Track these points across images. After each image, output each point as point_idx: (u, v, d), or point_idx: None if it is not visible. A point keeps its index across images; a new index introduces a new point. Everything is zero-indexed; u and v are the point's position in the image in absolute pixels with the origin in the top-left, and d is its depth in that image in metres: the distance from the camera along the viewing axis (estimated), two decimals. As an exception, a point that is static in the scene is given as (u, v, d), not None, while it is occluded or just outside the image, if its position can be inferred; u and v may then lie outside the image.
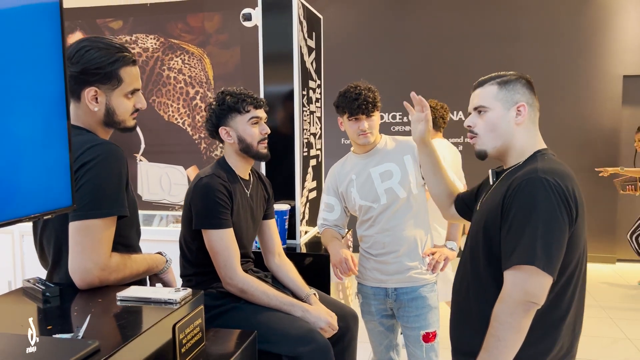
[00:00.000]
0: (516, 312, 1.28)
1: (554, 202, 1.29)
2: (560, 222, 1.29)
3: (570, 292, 1.38)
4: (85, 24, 7.06)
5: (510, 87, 1.46)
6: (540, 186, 1.30)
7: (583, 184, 1.51)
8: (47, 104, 1.20)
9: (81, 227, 1.34)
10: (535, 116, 1.47)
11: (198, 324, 1.35)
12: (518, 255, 1.29)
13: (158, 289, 1.37)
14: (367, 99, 2.14)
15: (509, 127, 1.45)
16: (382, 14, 6.31)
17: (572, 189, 1.33)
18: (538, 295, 1.28)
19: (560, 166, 1.39)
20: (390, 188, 2.23)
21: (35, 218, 1.19)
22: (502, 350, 1.29)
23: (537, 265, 1.26)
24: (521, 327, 1.29)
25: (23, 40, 1.12)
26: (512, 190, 1.34)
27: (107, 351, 1.00)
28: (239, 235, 1.92)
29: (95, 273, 1.35)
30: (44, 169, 1.20)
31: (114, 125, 1.49)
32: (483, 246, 1.42)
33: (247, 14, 2.57)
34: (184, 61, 6.91)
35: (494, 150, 1.48)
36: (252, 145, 1.95)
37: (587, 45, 5.83)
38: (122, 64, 1.43)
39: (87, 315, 1.12)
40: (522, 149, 1.45)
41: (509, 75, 1.49)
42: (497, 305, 1.32)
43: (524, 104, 1.44)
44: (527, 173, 1.35)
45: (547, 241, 1.27)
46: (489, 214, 1.42)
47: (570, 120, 5.89)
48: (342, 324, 2.00)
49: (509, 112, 1.44)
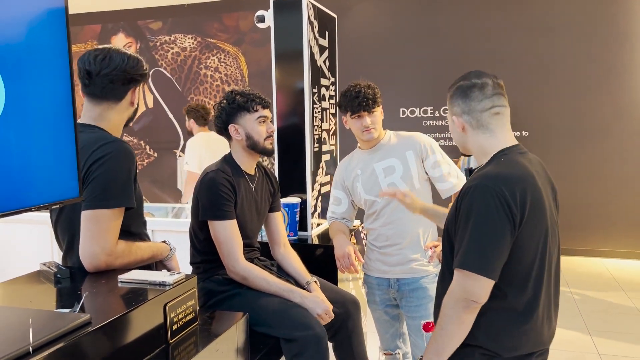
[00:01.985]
0: (456, 307, 1.39)
1: (491, 206, 1.35)
2: (496, 226, 1.35)
3: (533, 288, 1.43)
4: (127, 26, 7.41)
5: (452, 101, 1.55)
6: (479, 193, 1.38)
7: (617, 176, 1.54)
8: (55, 103, 1.35)
9: (92, 216, 1.50)
10: (479, 122, 1.49)
11: (191, 305, 1.48)
12: (458, 259, 1.39)
13: (156, 272, 1.52)
14: (367, 96, 2.22)
15: (459, 136, 1.56)
16: (411, 8, 6.32)
17: (519, 191, 1.37)
18: (477, 294, 1.37)
19: (514, 168, 1.43)
20: (392, 183, 2.31)
21: (44, 208, 1.36)
22: (444, 339, 1.42)
23: (471, 269, 1.36)
24: (462, 320, 1.40)
25: (34, 45, 1.27)
26: (462, 195, 1.44)
27: (97, 323, 1.15)
28: (243, 226, 2.05)
29: (102, 258, 1.51)
30: (53, 162, 1.36)
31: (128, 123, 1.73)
32: (447, 243, 1.51)
33: (260, 16, 2.69)
34: (220, 60, 7.15)
35: (464, 150, 1.61)
36: (259, 142, 2.08)
37: (619, 36, 5.66)
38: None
39: (85, 293, 1.27)
40: (481, 151, 1.52)
41: (454, 84, 1.55)
42: (444, 299, 1.43)
43: (455, 118, 1.53)
44: (475, 179, 1.42)
45: (481, 246, 1.36)
46: (450, 214, 1.52)
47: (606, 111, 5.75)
48: (341, 310, 2.11)
49: (454, 124, 1.56)
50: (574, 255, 5.75)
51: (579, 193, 5.72)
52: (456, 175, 2.36)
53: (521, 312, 1.43)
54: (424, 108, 6.32)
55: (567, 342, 3.57)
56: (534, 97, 5.90)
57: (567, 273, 5.22)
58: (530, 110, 5.87)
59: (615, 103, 5.71)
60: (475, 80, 1.50)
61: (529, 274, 1.42)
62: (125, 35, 7.42)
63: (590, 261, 5.63)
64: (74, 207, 1.56)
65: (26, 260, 2.12)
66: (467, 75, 1.53)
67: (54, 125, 1.36)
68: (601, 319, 4.03)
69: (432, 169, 2.34)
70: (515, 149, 1.50)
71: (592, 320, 3.99)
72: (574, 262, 5.59)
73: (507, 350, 1.44)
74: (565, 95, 5.83)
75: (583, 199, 5.75)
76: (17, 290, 1.43)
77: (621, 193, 5.73)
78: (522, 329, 1.43)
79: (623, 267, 5.41)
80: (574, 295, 4.57)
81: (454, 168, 2.38)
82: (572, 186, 5.65)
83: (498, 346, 1.43)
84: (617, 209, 5.74)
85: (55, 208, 1.63)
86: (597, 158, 5.79)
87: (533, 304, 1.43)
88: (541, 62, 5.87)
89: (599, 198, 5.77)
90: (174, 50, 7.24)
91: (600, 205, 5.79)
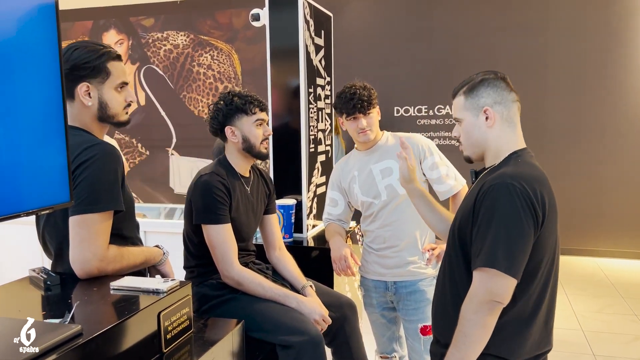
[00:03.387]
0: (480, 310, 1.34)
1: (518, 206, 1.33)
2: (524, 226, 1.33)
3: (540, 290, 1.42)
4: (119, 22, 7.32)
5: (474, 94, 1.50)
6: (505, 191, 1.34)
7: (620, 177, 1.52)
8: (45, 104, 1.31)
9: (80, 221, 1.46)
10: (509, 112, 1.49)
11: (185, 312, 1.45)
12: (482, 258, 1.34)
13: (149, 279, 1.47)
14: (362, 98, 2.19)
15: (482, 133, 1.49)
16: (406, 7, 6.28)
17: (540, 192, 1.36)
18: (501, 295, 1.33)
19: (532, 169, 1.42)
20: (390, 184, 2.28)
21: (34, 213, 1.31)
22: (469, 346, 1.35)
23: (499, 268, 1.32)
24: (486, 324, 1.34)
25: (21, 43, 1.22)
26: (482, 193, 1.39)
27: (89, 334, 1.11)
28: (238, 230, 2.01)
29: (93, 263, 1.46)
30: (43, 166, 1.31)
31: (108, 120, 1.59)
32: (458, 245, 1.47)
33: (255, 14, 2.65)
34: (213, 57, 7.09)
35: (475, 155, 1.55)
36: (255, 145, 2.04)
37: (616, 36, 5.66)
38: (108, 57, 1.54)
39: (76, 302, 1.23)
40: (498, 150, 1.49)
41: (474, 79, 1.51)
42: (465, 303, 1.38)
43: (487, 108, 1.47)
44: (496, 178, 1.39)
45: (509, 245, 1.32)
46: (462, 214, 1.47)
47: (606, 112, 5.76)
48: (338, 314, 2.08)
49: (477, 118, 1.49)
50: (567, 254, 5.75)
51: (572, 192, 5.72)
52: (454, 177, 2.34)
53: (529, 315, 1.40)
54: (418, 107, 6.29)
55: (561, 342, 3.56)
56: (528, 96, 5.88)
57: (560, 273, 5.21)
58: (524, 110, 5.83)
59: (609, 103, 5.72)
60: (498, 75, 1.49)
61: (540, 276, 1.40)
62: (117, 31, 7.33)
63: (583, 260, 5.64)
64: (62, 213, 1.52)
65: (14, 265, 2.06)
66: (485, 72, 1.51)
67: (44, 127, 1.31)
68: (595, 319, 4.03)
69: (430, 170, 2.31)
70: (526, 152, 1.49)
71: (586, 320, 3.98)
72: (567, 262, 5.59)
73: (517, 355, 1.41)
74: (559, 96, 5.83)
75: (577, 198, 5.75)
76: (5, 299, 1.38)
77: (615, 192, 5.74)
78: (530, 331, 1.40)
79: (616, 267, 5.42)
80: (568, 295, 4.57)
81: (452, 170, 2.36)
82: (565, 185, 5.65)
83: (508, 351, 1.40)
84: (610, 209, 5.75)
85: (42, 215, 1.58)
86: (591, 157, 5.80)
87: (540, 305, 1.41)
88: (536, 61, 5.87)
89: (593, 197, 5.78)
90: (167, 47, 7.17)
91: (594, 205, 5.80)
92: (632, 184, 5.68)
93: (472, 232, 1.41)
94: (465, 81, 1.52)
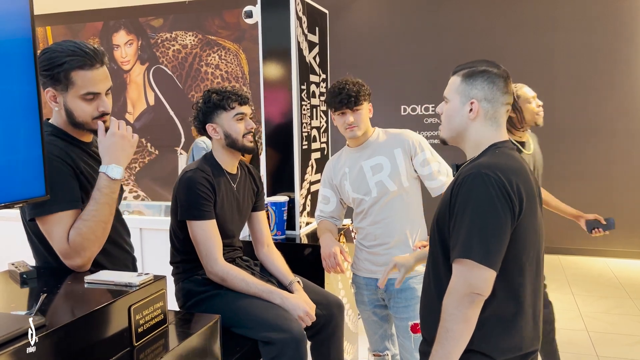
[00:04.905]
0: (461, 303, 1.31)
1: (493, 195, 1.30)
2: (500, 215, 1.30)
3: (523, 284, 1.38)
4: (128, 23, 7.39)
5: (471, 82, 1.46)
6: (480, 181, 1.32)
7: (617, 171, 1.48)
8: (19, 98, 1.32)
9: (42, 222, 1.48)
10: (495, 112, 1.45)
11: (159, 307, 1.45)
12: (458, 250, 1.32)
13: (125, 273, 1.48)
14: (349, 93, 2.17)
15: (462, 121, 1.46)
16: (413, 4, 6.24)
17: (516, 183, 1.33)
18: (481, 287, 1.30)
19: (508, 160, 1.39)
20: (380, 181, 2.26)
21: (7, 207, 1.33)
22: (451, 341, 1.32)
23: (474, 259, 1.29)
24: (468, 317, 1.32)
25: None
26: (457, 185, 1.37)
27: (52, 326, 1.12)
28: (224, 226, 2.01)
29: (65, 260, 1.48)
30: (17, 160, 1.33)
31: (79, 127, 1.56)
32: (438, 239, 1.45)
33: (248, 11, 2.65)
34: (220, 57, 7.12)
35: (450, 138, 1.52)
36: (238, 140, 2.03)
37: (625, 33, 5.56)
38: (70, 66, 1.47)
39: (43, 295, 1.23)
40: (477, 142, 1.46)
41: (476, 67, 1.47)
42: (445, 298, 1.35)
43: (474, 101, 1.44)
44: (471, 168, 1.36)
45: (484, 235, 1.29)
46: (440, 207, 1.45)
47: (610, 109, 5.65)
48: (325, 312, 2.06)
49: (464, 106, 1.46)
50: (577, 254, 5.66)
51: (582, 191, 5.62)
52: (446, 173, 2.31)
53: (512, 311, 1.37)
54: (425, 105, 6.24)
55: (565, 343, 3.50)
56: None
57: (569, 273, 5.14)
58: (533, 108, 5.77)
59: (619, 102, 5.62)
60: (500, 71, 1.45)
61: (520, 271, 1.37)
62: (126, 32, 7.41)
63: (593, 261, 5.55)
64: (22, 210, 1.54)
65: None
66: (488, 63, 1.47)
67: (18, 122, 1.33)
68: (602, 320, 3.96)
69: (421, 167, 2.28)
70: (507, 144, 1.46)
71: (592, 321, 3.91)
72: (577, 262, 5.51)
73: (501, 352, 1.37)
74: (568, 94, 5.74)
75: (586, 197, 5.64)
76: (-19, 291, 1.40)
77: (625, 192, 5.64)
78: (515, 328, 1.37)
79: (627, 267, 5.32)
80: (575, 295, 4.50)
81: (444, 166, 2.33)
82: (575, 184, 5.56)
83: (492, 348, 1.37)
84: (621, 208, 5.64)
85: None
86: (601, 156, 5.70)
87: (524, 302, 1.38)
88: (543, 59, 5.78)
89: (603, 196, 5.67)
90: (175, 47, 7.22)
91: (603, 204, 5.68)
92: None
93: (449, 225, 1.39)
94: (469, 64, 1.49)
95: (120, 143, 1.53)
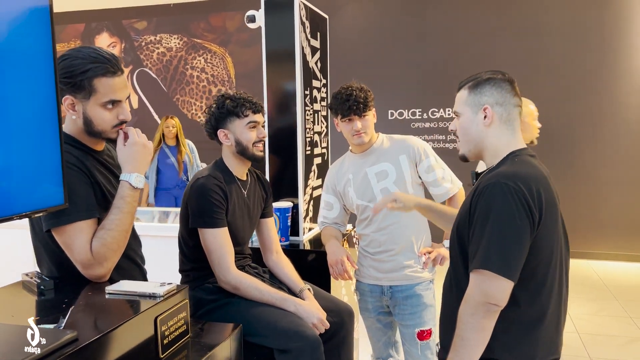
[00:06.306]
0: (477, 312, 1.32)
1: (512, 206, 1.31)
2: (519, 226, 1.31)
3: (545, 292, 1.39)
4: (111, 25, 7.28)
5: (478, 90, 1.48)
6: (499, 191, 1.33)
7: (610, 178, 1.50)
8: (38, 107, 1.29)
9: (59, 232, 1.43)
10: (509, 115, 1.47)
11: (182, 317, 1.42)
12: (477, 260, 1.33)
13: (145, 283, 1.45)
14: (358, 100, 2.17)
15: (479, 130, 1.48)
16: (401, 10, 6.29)
17: (537, 190, 1.34)
18: (497, 298, 1.31)
19: (528, 168, 1.40)
20: (385, 188, 2.26)
21: (27, 216, 1.29)
22: (466, 350, 1.34)
23: (492, 269, 1.30)
24: (483, 327, 1.33)
25: (14, 46, 1.20)
26: (477, 194, 1.38)
27: (84, 340, 1.08)
28: (235, 233, 1.99)
29: (86, 270, 1.44)
30: (36, 169, 1.29)
31: (96, 136, 1.52)
32: (458, 250, 1.45)
33: (251, 16, 2.63)
34: (206, 60, 7.06)
35: (470, 153, 1.52)
36: (248, 148, 2.01)
37: (612, 38, 5.69)
38: (94, 73, 1.44)
39: (71, 307, 1.20)
40: (496, 150, 1.47)
41: (480, 76, 1.50)
42: (461, 306, 1.36)
43: (487, 107, 1.46)
44: (491, 178, 1.37)
45: (503, 246, 1.31)
46: (461, 217, 1.46)
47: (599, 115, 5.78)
48: (336, 319, 2.05)
49: (477, 115, 1.47)
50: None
51: (567, 194, 5.72)
52: (450, 179, 2.32)
53: (535, 319, 1.38)
54: (412, 110, 6.29)
55: (557, 345, 3.56)
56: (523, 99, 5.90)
57: (555, 275, 5.22)
58: (519, 113, 5.87)
59: (606, 106, 5.74)
60: (505, 77, 1.48)
61: (543, 279, 1.38)
62: (109, 34, 7.29)
63: (578, 263, 5.65)
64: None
65: (6, 269, 2.03)
66: (491, 72, 1.50)
67: (38, 130, 1.29)
68: (591, 322, 4.03)
69: (425, 173, 2.30)
70: (525, 151, 1.47)
71: (582, 323, 3.98)
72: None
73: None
74: (556, 98, 5.84)
75: (571, 201, 5.76)
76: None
77: (609, 195, 5.77)
78: (536, 336, 1.38)
79: (611, 270, 5.44)
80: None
81: (448, 172, 2.34)
82: (561, 187, 5.63)
83: (513, 357, 1.37)
84: (605, 211, 5.77)
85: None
86: (586, 160, 5.82)
87: (547, 310, 1.39)
88: (531, 64, 5.88)
89: (588, 199, 5.79)
90: (160, 50, 7.14)
91: (588, 207, 5.81)
92: (627, 187, 5.70)
93: (469, 235, 1.40)
94: (473, 77, 1.51)
95: (142, 152, 1.51)
